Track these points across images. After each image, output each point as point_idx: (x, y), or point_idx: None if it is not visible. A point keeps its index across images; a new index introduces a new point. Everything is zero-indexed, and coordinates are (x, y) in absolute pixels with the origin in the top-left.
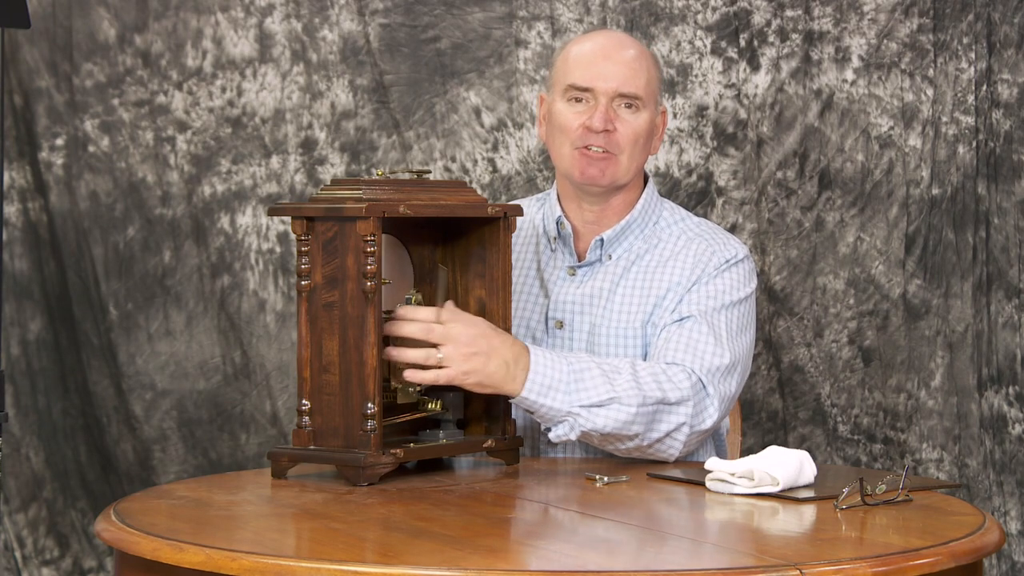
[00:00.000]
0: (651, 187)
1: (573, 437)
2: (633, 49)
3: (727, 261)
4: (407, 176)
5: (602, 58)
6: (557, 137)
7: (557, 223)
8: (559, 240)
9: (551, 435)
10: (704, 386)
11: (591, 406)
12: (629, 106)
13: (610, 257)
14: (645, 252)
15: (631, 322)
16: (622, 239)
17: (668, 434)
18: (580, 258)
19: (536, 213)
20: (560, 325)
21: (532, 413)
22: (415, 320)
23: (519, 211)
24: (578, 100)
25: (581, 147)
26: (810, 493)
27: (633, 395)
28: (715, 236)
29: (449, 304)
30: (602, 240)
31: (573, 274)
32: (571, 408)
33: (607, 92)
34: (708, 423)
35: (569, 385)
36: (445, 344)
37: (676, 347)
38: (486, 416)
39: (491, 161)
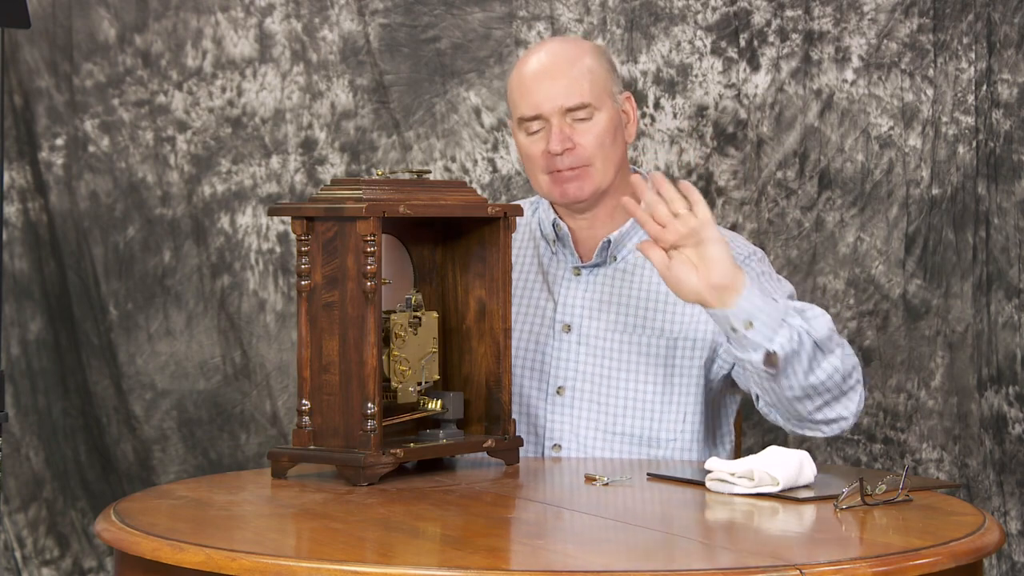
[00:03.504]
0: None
1: (794, 345)
2: (567, 56)
3: (747, 258)
4: (407, 176)
5: (538, 79)
6: (528, 167)
7: (554, 225)
8: (558, 242)
9: (775, 345)
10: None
11: (801, 312)
12: (581, 118)
13: (615, 259)
14: None
15: (650, 323)
16: (627, 240)
17: (853, 370)
18: (582, 259)
19: (531, 217)
20: (567, 329)
21: (745, 328)
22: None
23: (519, 211)
24: (533, 130)
25: (552, 172)
26: (810, 493)
27: (820, 312)
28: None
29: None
30: (609, 241)
31: (578, 274)
32: (784, 315)
33: (554, 112)
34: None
35: (773, 302)
36: (692, 232)
37: None
38: (486, 416)
39: (491, 161)
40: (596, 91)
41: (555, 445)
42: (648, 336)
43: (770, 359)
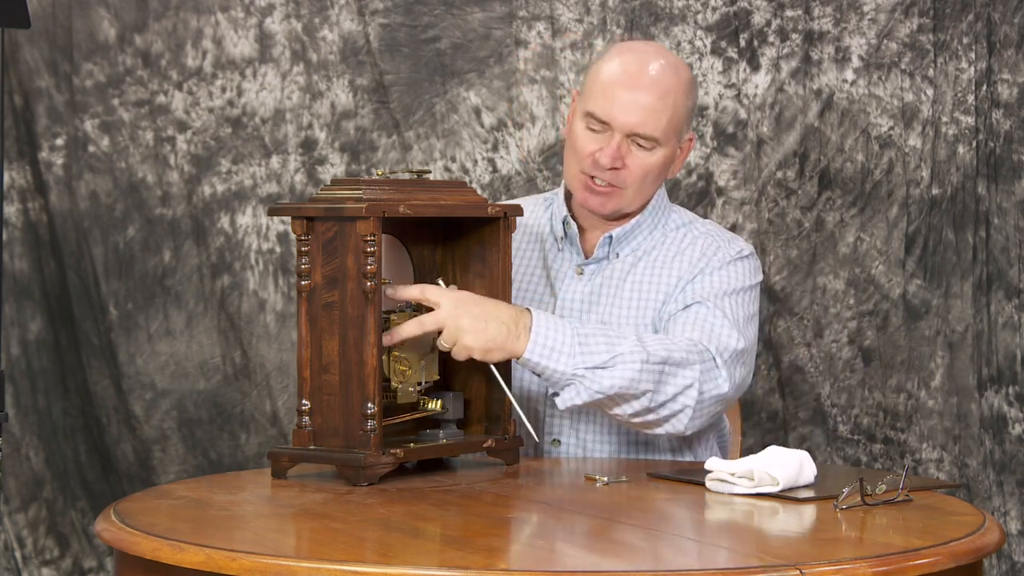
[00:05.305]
0: (662, 188)
1: (579, 402)
2: (665, 84)
3: (733, 255)
4: (407, 176)
5: (625, 88)
6: (569, 152)
7: (563, 223)
8: (566, 240)
9: (558, 401)
10: (713, 356)
11: (595, 367)
12: (643, 146)
13: (617, 255)
14: (652, 248)
15: (640, 317)
16: (630, 238)
17: (675, 397)
18: (587, 255)
19: (543, 214)
20: None
21: (540, 376)
22: (406, 325)
23: (519, 211)
24: (595, 129)
25: (588, 175)
26: (810, 493)
27: (636, 353)
28: (721, 235)
29: (428, 286)
30: (611, 237)
31: (580, 273)
32: (575, 370)
33: (622, 129)
34: (720, 390)
35: (573, 348)
36: (443, 328)
37: (687, 328)
38: (486, 416)
39: (491, 161)
40: (669, 129)
41: (554, 440)
42: (643, 331)
43: None
